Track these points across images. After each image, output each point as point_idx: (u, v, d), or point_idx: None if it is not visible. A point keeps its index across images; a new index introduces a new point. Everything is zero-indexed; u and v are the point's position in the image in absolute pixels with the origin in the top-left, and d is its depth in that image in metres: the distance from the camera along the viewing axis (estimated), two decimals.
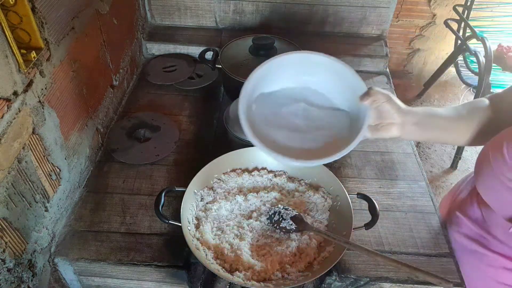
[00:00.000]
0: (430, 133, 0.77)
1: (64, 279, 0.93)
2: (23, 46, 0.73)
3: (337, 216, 0.88)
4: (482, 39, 1.89)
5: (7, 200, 0.70)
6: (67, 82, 0.90)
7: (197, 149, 1.13)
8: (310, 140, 0.77)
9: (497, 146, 0.71)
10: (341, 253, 0.77)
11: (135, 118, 1.20)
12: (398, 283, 0.85)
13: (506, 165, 0.68)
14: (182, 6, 1.47)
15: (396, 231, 0.95)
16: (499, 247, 0.81)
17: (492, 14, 2.22)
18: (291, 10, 1.48)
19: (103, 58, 1.11)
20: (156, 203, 0.83)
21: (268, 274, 0.78)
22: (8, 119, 0.69)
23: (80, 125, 0.98)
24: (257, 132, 0.73)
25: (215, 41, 1.46)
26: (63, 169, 0.91)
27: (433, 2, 2.28)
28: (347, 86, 0.75)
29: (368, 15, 1.48)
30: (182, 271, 0.87)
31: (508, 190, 0.70)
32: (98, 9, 1.05)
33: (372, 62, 1.45)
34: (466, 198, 0.90)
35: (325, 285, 0.88)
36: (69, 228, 0.93)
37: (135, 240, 0.90)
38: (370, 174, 1.08)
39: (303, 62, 0.77)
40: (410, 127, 0.73)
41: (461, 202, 0.92)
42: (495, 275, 0.82)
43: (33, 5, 0.73)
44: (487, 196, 0.79)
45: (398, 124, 0.72)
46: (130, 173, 1.05)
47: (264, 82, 0.77)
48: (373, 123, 0.73)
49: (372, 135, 0.74)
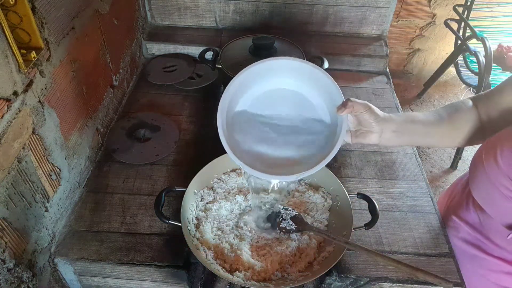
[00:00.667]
0: (409, 139, 0.77)
1: (64, 279, 0.93)
2: (23, 46, 0.73)
3: (337, 216, 0.88)
4: (482, 39, 1.89)
5: (7, 200, 0.70)
6: (67, 82, 0.90)
7: (197, 149, 1.13)
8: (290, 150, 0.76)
9: (490, 151, 0.71)
10: (341, 253, 0.77)
11: (135, 118, 1.20)
12: (398, 283, 0.85)
13: (500, 172, 0.68)
14: (182, 6, 1.47)
15: (396, 231, 0.95)
16: (498, 252, 0.80)
17: (492, 14, 2.22)
18: (291, 10, 1.48)
19: (103, 58, 1.11)
20: (156, 203, 0.83)
21: (268, 274, 0.78)
22: (8, 119, 0.69)
23: (80, 125, 0.98)
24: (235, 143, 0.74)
25: (215, 41, 1.46)
26: (63, 169, 0.91)
27: (433, 2, 2.28)
28: (325, 91, 0.74)
29: (368, 15, 1.48)
30: (182, 271, 0.87)
31: (504, 198, 0.70)
32: (98, 9, 1.05)
33: (372, 62, 1.45)
34: (461, 202, 0.89)
35: (325, 285, 0.88)
36: (69, 228, 0.93)
37: (135, 240, 0.90)
38: (370, 174, 1.08)
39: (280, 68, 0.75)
40: (388, 134, 0.73)
41: (457, 205, 0.91)
42: (496, 279, 0.82)
43: (33, 5, 0.73)
44: (484, 203, 0.78)
45: (376, 133, 0.72)
46: (130, 173, 1.05)
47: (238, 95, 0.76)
48: (353, 129, 0.74)
49: (352, 141, 0.74)
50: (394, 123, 0.73)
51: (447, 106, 0.80)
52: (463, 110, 0.78)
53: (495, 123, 0.76)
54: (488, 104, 0.77)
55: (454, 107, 0.79)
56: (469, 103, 0.79)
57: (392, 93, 1.36)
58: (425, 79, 2.54)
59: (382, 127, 0.72)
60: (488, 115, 0.77)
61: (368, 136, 0.73)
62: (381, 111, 0.73)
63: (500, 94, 0.76)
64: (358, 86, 1.39)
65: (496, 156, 0.68)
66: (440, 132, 0.77)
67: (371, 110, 0.70)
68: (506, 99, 0.74)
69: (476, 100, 0.79)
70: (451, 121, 0.77)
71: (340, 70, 1.46)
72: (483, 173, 0.72)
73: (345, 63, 1.45)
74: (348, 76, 1.43)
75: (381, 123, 0.71)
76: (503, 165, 0.67)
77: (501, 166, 0.67)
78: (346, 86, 1.38)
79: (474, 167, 0.77)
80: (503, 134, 0.70)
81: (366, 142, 0.74)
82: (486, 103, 0.77)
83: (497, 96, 0.76)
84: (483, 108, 0.77)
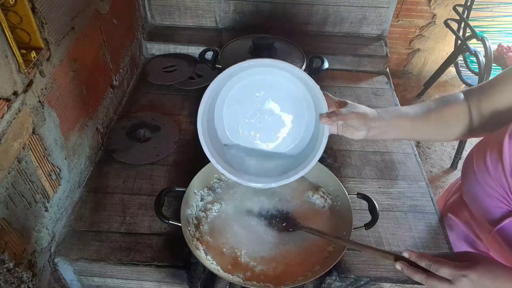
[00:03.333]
0: (396, 134, 0.78)
1: (64, 279, 0.93)
2: (23, 46, 0.73)
3: (337, 216, 0.88)
4: (482, 39, 1.89)
5: (7, 200, 0.70)
6: (67, 82, 0.90)
7: (197, 149, 1.12)
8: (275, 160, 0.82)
9: (480, 153, 0.71)
10: (341, 253, 0.77)
11: (135, 118, 1.20)
12: (398, 283, 0.85)
13: (488, 173, 0.69)
14: (182, 6, 1.47)
15: (396, 231, 0.95)
16: (484, 248, 0.82)
17: (492, 14, 2.22)
18: (291, 10, 1.48)
19: (103, 58, 1.11)
20: (156, 203, 0.83)
21: (268, 274, 0.78)
22: (8, 119, 0.69)
23: (80, 125, 0.98)
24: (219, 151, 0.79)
25: (215, 41, 1.46)
26: (63, 169, 0.91)
27: (433, 2, 2.28)
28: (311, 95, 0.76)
29: (368, 15, 1.48)
30: (182, 271, 0.87)
31: (487, 195, 0.71)
32: (98, 9, 1.05)
33: (372, 62, 1.45)
34: (456, 200, 0.90)
35: (325, 285, 0.87)
36: (69, 228, 0.93)
37: (135, 240, 0.90)
38: (370, 174, 1.08)
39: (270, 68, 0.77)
40: (375, 131, 0.74)
41: (453, 203, 0.93)
42: None
43: (33, 5, 0.73)
44: (470, 202, 0.79)
45: (363, 131, 0.74)
46: (130, 173, 1.05)
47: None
48: (340, 125, 0.75)
49: (338, 132, 0.76)
50: (381, 121, 0.74)
51: (437, 100, 0.80)
52: (453, 105, 0.78)
53: (485, 118, 0.75)
54: (481, 98, 0.76)
55: (444, 101, 0.79)
56: (460, 96, 0.78)
57: (392, 93, 1.36)
58: (425, 79, 2.54)
59: (369, 126, 0.73)
60: (478, 109, 0.76)
61: (355, 133, 0.74)
62: (369, 109, 0.74)
63: (493, 89, 0.75)
64: (358, 86, 1.39)
65: (486, 158, 0.69)
66: (427, 129, 0.78)
67: (358, 116, 0.71)
68: (499, 95, 0.74)
69: (469, 94, 0.78)
70: (439, 116, 0.77)
71: (340, 70, 1.46)
72: (473, 173, 0.73)
73: (345, 63, 1.45)
74: (348, 76, 1.44)
75: (368, 123, 0.72)
76: (491, 167, 0.68)
77: (489, 168, 0.68)
78: (346, 86, 1.39)
79: (465, 167, 0.78)
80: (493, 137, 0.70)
81: (352, 137, 0.75)
82: (478, 98, 0.76)
83: (491, 91, 0.75)
84: (474, 103, 0.77)
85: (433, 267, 0.62)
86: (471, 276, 0.60)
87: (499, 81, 0.74)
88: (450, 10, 2.27)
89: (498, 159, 0.66)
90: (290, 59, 1.23)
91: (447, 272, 0.61)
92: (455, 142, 2.25)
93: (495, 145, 0.67)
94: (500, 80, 0.74)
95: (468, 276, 0.60)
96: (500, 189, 0.68)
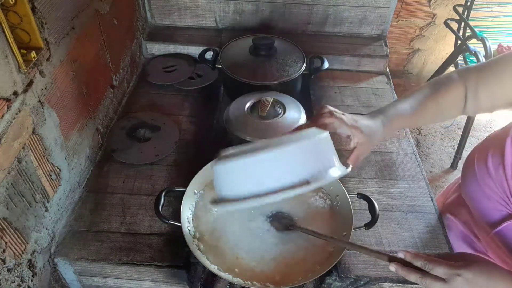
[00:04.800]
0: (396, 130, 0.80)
1: (64, 279, 0.93)
2: (23, 46, 0.73)
3: (337, 216, 0.88)
4: (482, 39, 1.89)
5: (7, 200, 0.70)
6: (67, 82, 0.90)
7: (197, 149, 1.13)
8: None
9: (482, 154, 0.71)
10: (341, 253, 0.77)
11: (135, 118, 1.20)
12: (398, 283, 0.85)
13: (489, 174, 0.68)
14: (182, 6, 1.47)
15: (396, 231, 0.95)
16: (482, 248, 0.82)
17: (492, 14, 2.22)
18: (291, 10, 1.48)
19: (103, 58, 1.11)
20: (156, 203, 0.83)
21: (268, 274, 0.78)
22: (8, 119, 0.69)
23: (80, 125, 0.98)
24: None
25: (215, 41, 1.46)
26: (63, 169, 0.91)
27: (433, 2, 2.28)
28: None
29: (368, 15, 1.48)
30: (182, 271, 0.87)
31: (486, 197, 0.71)
32: (98, 9, 1.05)
33: (372, 62, 1.45)
34: (456, 200, 0.90)
35: (325, 285, 0.87)
36: (69, 228, 0.92)
37: (135, 240, 0.90)
38: (370, 174, 1.08)
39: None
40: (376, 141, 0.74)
41: (452, 203, 0.93)
42: None
43: (33, 5, 0.73)
44: (470, 202, 0.79)
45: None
46: (130, 173, 1.05)
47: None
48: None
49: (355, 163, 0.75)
50: (381, 131, 0.72)
51: (433, 87, 0.77)
52: (449, 91, 0.75)
53: (479, 101, 0.74)
54: (478, 82, 0.73)
55: (439, 86, 0.77)
56: (455, 79, 0.76)
57: (392, 93, 1.36)
58: (425, 79, 2.54)
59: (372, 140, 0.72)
60: (475, 92, 0.73)
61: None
62: (366, 126, 0.70)
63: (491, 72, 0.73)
64: (358, 86, 1.39)
65: (487, 160, 0.68)
66: (424, 119, 0.80)
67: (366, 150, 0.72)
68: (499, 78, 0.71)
69: (466, 75, 0.75)
70: (436, 105, 0.76)
71: (340, 70, 1.46)
72: (473, 174, 0.73)
73: (345, 63, 1.45)
74: (348, 76, 1.43)
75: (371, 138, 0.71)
76: (492, 169, 0.68)
77: (490, 170, 0.68)
78: (346, 86, 1.39)
79: (466, 167, 0.78)
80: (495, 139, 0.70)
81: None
82: (476, 81, 0.73)
83: (489, 73, 0.73)
84: (472, 86, 0.74)
85: (428, 267, 0.62)
86: (465, 275, 0.60)
87: (499, 63, 0.72)
88: (450, 10, 2.26)
89: (499, 161, 0.66)
90: (290, 59, 1.24)
91: (442, 271, 0.61)
92: (455, 142, 2.25)
93: (497, 148, 0.67)
94: (500, 63, 0.71)
95: (462, 275, 0.60)
96: (500, 192, 0.68)
